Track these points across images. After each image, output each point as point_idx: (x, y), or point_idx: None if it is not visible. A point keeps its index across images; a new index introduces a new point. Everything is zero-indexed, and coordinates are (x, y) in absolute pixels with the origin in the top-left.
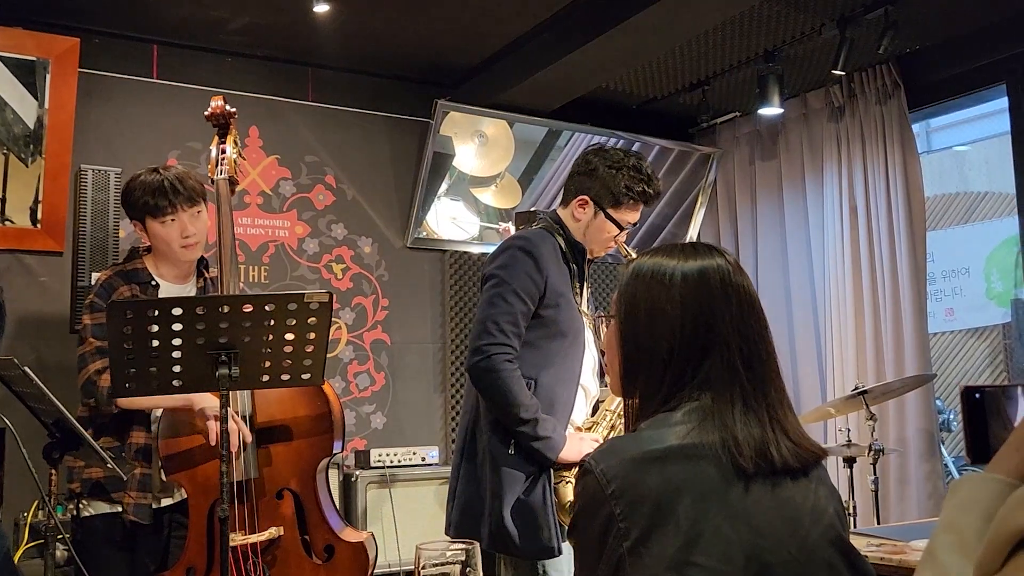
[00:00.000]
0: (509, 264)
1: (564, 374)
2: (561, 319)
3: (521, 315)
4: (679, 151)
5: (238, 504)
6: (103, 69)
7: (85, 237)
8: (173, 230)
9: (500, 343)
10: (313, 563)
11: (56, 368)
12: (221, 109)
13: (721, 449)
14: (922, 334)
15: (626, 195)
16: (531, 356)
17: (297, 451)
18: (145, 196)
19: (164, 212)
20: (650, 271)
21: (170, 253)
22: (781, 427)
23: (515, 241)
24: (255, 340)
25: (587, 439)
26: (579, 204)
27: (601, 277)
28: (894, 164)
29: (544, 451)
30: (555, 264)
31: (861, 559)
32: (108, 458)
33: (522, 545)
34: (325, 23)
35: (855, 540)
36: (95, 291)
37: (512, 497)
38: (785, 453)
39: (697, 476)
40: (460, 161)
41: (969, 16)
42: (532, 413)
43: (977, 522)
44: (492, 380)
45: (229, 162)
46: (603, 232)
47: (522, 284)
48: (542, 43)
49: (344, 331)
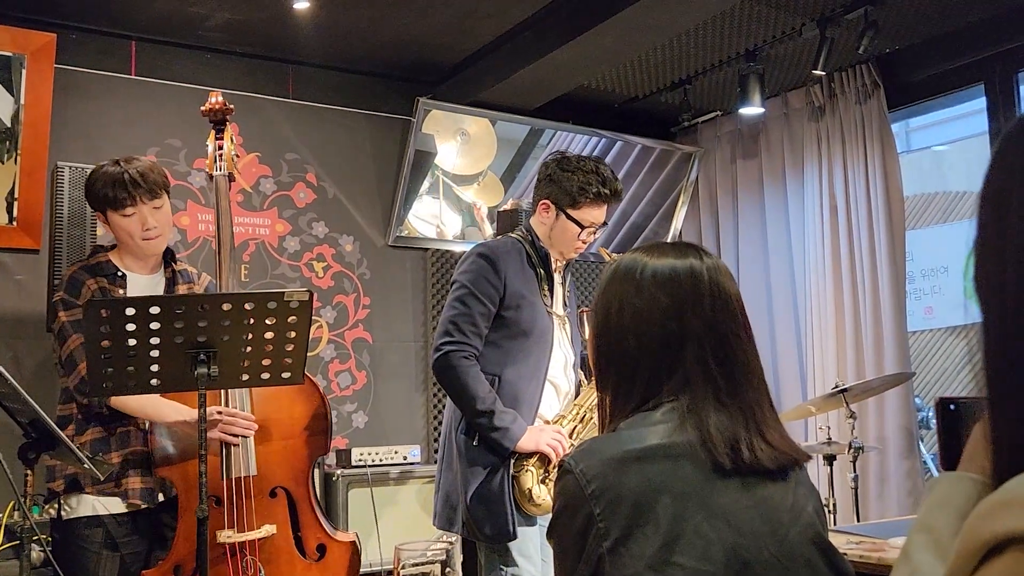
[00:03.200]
0: (470, 270)
1: (527, 371)
2: (522, 319)
3: (480, 316)
4: (661, 150)
5: (234, 501)
6: (80, 65)
7: (62, 235)
8: (134, 222)
9: (457, 341)
10: (305, 562)
11: (33, 367)
12: (220, 105)
13: (700, 448)
14: (901, 332)
15: (581, 194)
16: (494, 355)
17: (292, 450)
18: (105, 188)
19: (124, 204)
20: (624, 268)
21: (132, 245)
22: (757, 428)
23: (477, 248)
24: (234, 339)
25: (548, 430)
26: (542, 208)
27: (586, 277)
28: (874, 163)
29: (501, 440)
30: (517, 269)
31: (840, 557)
32: (85, 458)
33: (484, 531)
34: (305, 20)
35: (834, 538)
36: (64, 288)
37: (475, 485)
38: (760, 455)
39: (676, 475)
40: (442, 159)
41: (948, 17)
42: (488, 405)
43: (951, 521)
44: (449, 375)
45: (227, 158)
46: (566, 232)
47: (481, 288)
48: (524, 41)
49: (325, 330)
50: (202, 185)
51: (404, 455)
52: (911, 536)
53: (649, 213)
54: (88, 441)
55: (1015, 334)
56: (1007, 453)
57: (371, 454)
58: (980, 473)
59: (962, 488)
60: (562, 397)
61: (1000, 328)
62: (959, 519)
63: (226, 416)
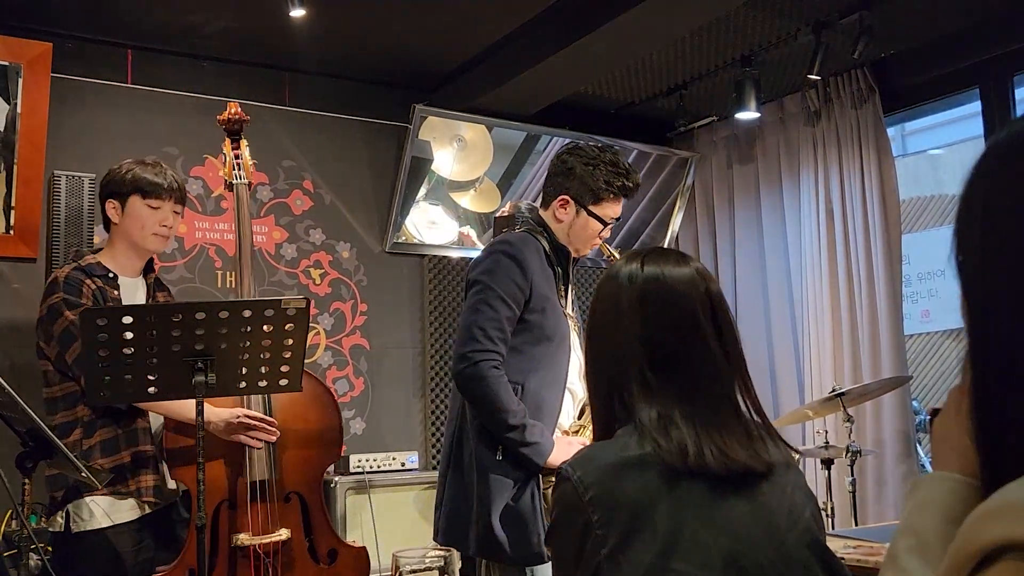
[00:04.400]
0: (493, 269)
1: (550, 378)
2: (547, 323)
3: (507, 320)
4: (657, 155)
5: (252, 504)
6: (77, 74)
7: (59, 243)
8: (155, 215)
9: (486, 349)
10: (317, 567)
11: (30, 376)
12: (237, 115)
13: (676, 456)
14: (898, 336)
15: (606, 190)
16: (517, 361)
17: (308, 457)
18: (144, 175)
19: (157, 194)
20: (607, 274)
21: (139, 237)
22: (708, 436)
23: (499, 246)
24: (232, 347)
25: (575, 443)
26: (560, 204)
27: (585, 280)
28: (869, 167)
29: (533, 457)
30: (539, 268)
31: (837, 562)
32: (82, 467)
33: (512, 552)
34: (302, 28)
35: (832, 542)
36: (62, 288)
37: (501, 503)
38: (711, 461)
39: (676, 482)
40: (439, 166)
41: (943, 21)
42: (520, 419)
43: (936, 522)
44: (479, 386)
45: (246, 166)
46: (587, 230)
47: (507, 289)
48: (520, 47)
49: (323, 337)
50: (199, 193)
51: (402, 461)
52: (896, 539)
53: (645, 218)
54: (98, 443)
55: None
56: (1003, 457)
57: (369, 460)
58: (960, 473)
59: (945, 488)
60: (577, 404)
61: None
62: (943, 520)
63: (253, 421)
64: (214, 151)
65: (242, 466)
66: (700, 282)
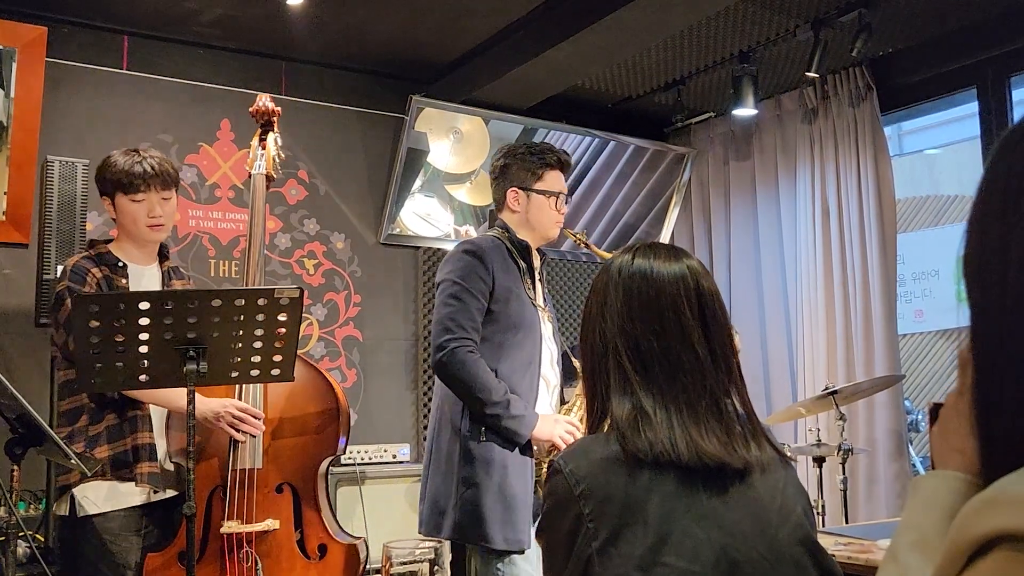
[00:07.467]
0: (458, 267)
1: (520, 364)
2: (511, 312)
3: (476, 311)
4: (654, 150)
5: (237, 492)
6: (72, 59)
7: (51, 229)
8: (142, 208)
9: (460, 336)
10: (305, 560)
11: (20, 362)
12: (265, 108)
13: (643, 450)
14: (892, 335)
15: (540, 164)
16: (487, 350)
17: (302, 447)
18: (120, 171)
19: (136, 189)
20: (602, 266)
21: (135, 232)
22: (684, 431)
23: (461, 246)
24: (224, 335)
25: (562, 420)
26: (511, 199)
27: (561, 273)
28: (866, 166)
29: (518, 429)
30: (501, 261)
31: (828, 558)
32: (73, 454)
33: (495, 537)
34: (298, 16)
35: (823, 539)
36: (68, 276)
37: (487, 483)
38: (683, 453)
39: (664, 476)
40: (435, 158)
41: (941, 20)
42: (502, 395)
43: (938, 520)
44: (458, 370)
45: (268, 158)
46: (542, 209)
47: (472, 283)
48: (518, 40)
49: (315, 327)
50: (193, 181)
51: (393, 453)
52: (898, 536)
53: (641, 214)
54: (104, 429)
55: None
56: (999, 449)
57: (361, 452)
58: (961, 471)
59: (946, 486)
60: (551, 391)
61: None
62: (946, 518)
63: (238, 413)
64: (209, 139)
65: (232, 454)
66: (690, 278)
